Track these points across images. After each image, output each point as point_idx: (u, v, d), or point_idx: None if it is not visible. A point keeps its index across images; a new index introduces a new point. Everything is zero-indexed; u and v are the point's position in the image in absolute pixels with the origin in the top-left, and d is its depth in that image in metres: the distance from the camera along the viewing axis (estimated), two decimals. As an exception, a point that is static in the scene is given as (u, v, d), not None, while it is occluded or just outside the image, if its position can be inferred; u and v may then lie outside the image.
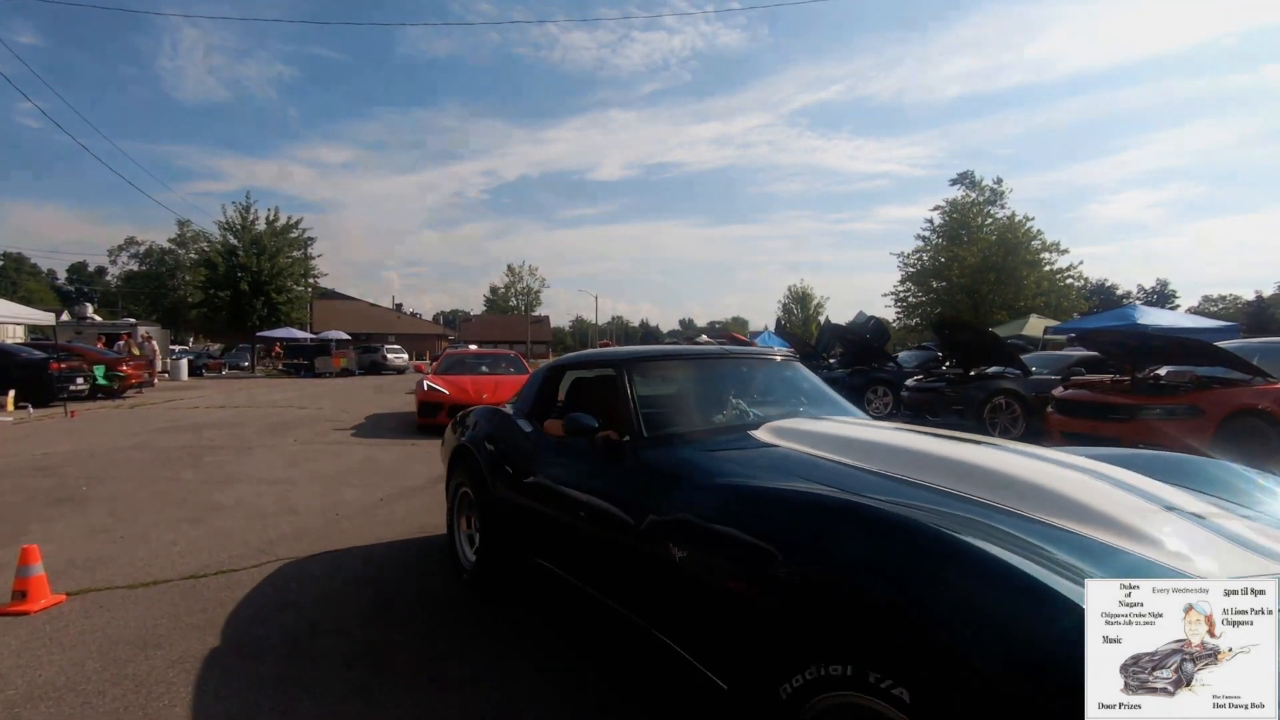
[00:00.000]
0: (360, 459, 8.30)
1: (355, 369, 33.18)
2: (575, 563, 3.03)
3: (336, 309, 55.23)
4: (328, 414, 13.91)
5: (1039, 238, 29.61)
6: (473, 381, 10.91)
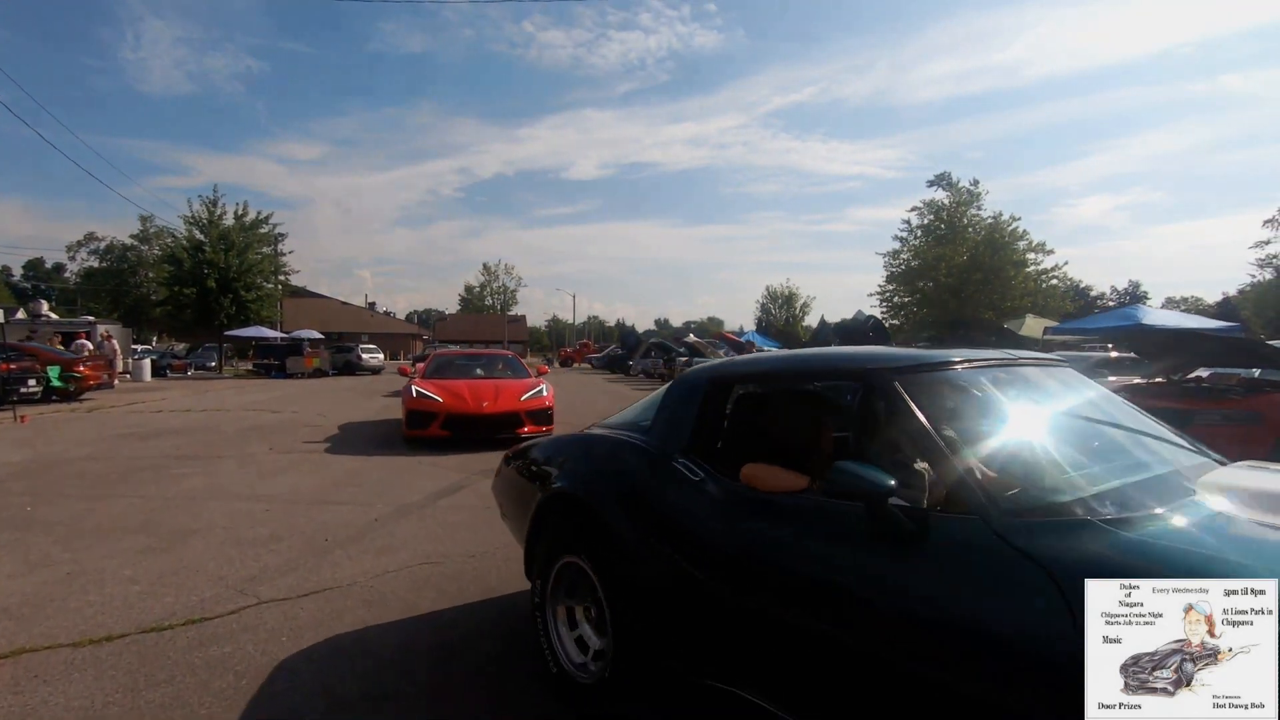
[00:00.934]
0: (346, 471, 7.52)
1: (329, 369, 32.02)
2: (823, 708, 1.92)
3: (308, 307, 53.69)
4: (304, 418, 13.03)
5: (1025, 238, 29.56)
6: (469, 387, 9.53)
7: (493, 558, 4.38)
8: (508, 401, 9.26)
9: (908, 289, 31.86)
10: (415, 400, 9.17)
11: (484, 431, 8.93)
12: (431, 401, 9.06)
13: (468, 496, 6.19)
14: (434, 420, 8.92)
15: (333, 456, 8.46)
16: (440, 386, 9.41)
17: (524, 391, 9.58)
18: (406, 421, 9.15)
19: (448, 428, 8.90)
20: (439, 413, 8.93)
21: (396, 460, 8.25)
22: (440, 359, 11.36)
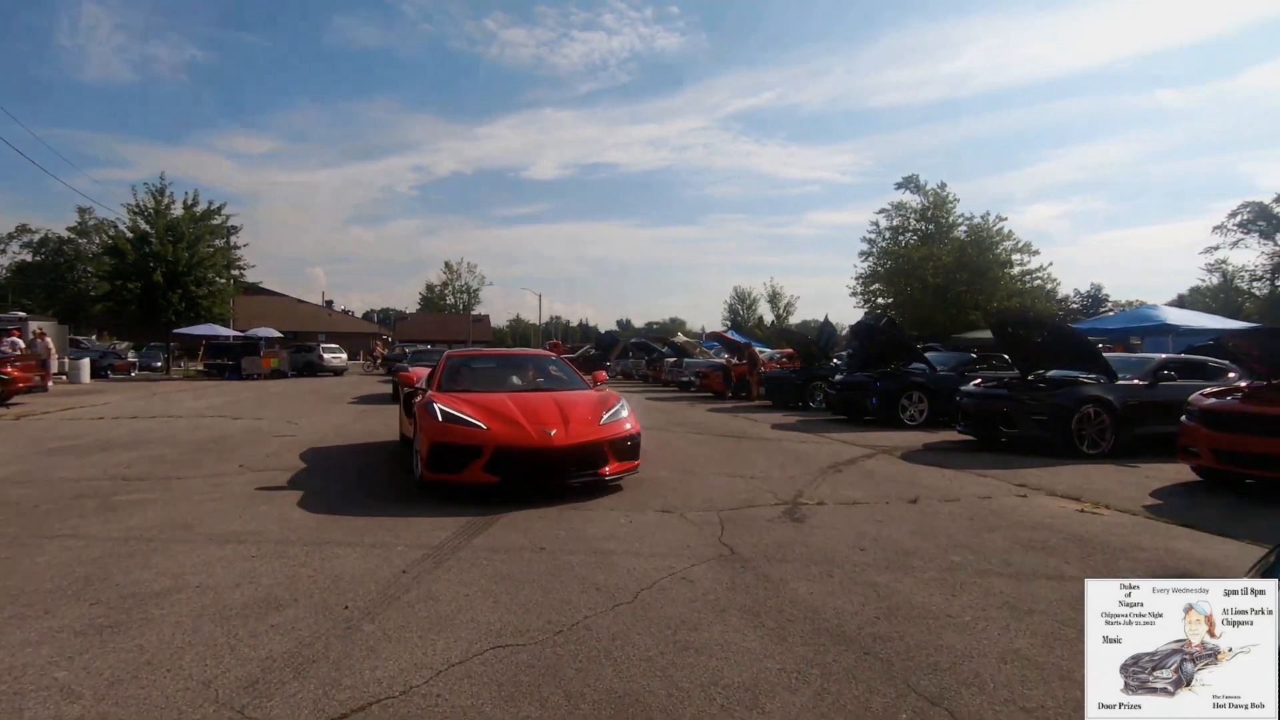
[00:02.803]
0: (343, 495, 6.18)
1: (288, 370, 30.04)
2: None
3: (261, 305, 50.96)
4: (271, 426, 11.50)
5: (1010, 238, 29.31)
6: (520, 405, 6.40)
7: (587, 632, 3.17)
8: (583, 427, 6.18)
9: (892, 289, 31.36)
10: (442, 427, 5.98)
11: (551, 474, 5.96)
12: (469, 430, 5.92)
13: (506, 532, 4.94)
14: (475, 458, 5.83)
15: (320, 476, 7.08)
16: (476, 405, 6.32)
17: (601, 411, 6.51)
18: (428, 459, 6.00)
19: (497, 469, 5.83)
20: (483, 446, 5.83)
21: (394, 480, 6.92)
22: (456, 362, 8.00)
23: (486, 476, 5.84)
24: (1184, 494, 6.58)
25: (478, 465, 5.83)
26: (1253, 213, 59.49)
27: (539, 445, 5.87)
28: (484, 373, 8.04)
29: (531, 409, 6.33)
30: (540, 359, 8.81)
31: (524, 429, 5.98)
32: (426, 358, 17.22)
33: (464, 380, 7.49)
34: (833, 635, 3.17)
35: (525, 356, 9.25)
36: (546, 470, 5.95)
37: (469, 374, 7.79)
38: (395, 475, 7.14)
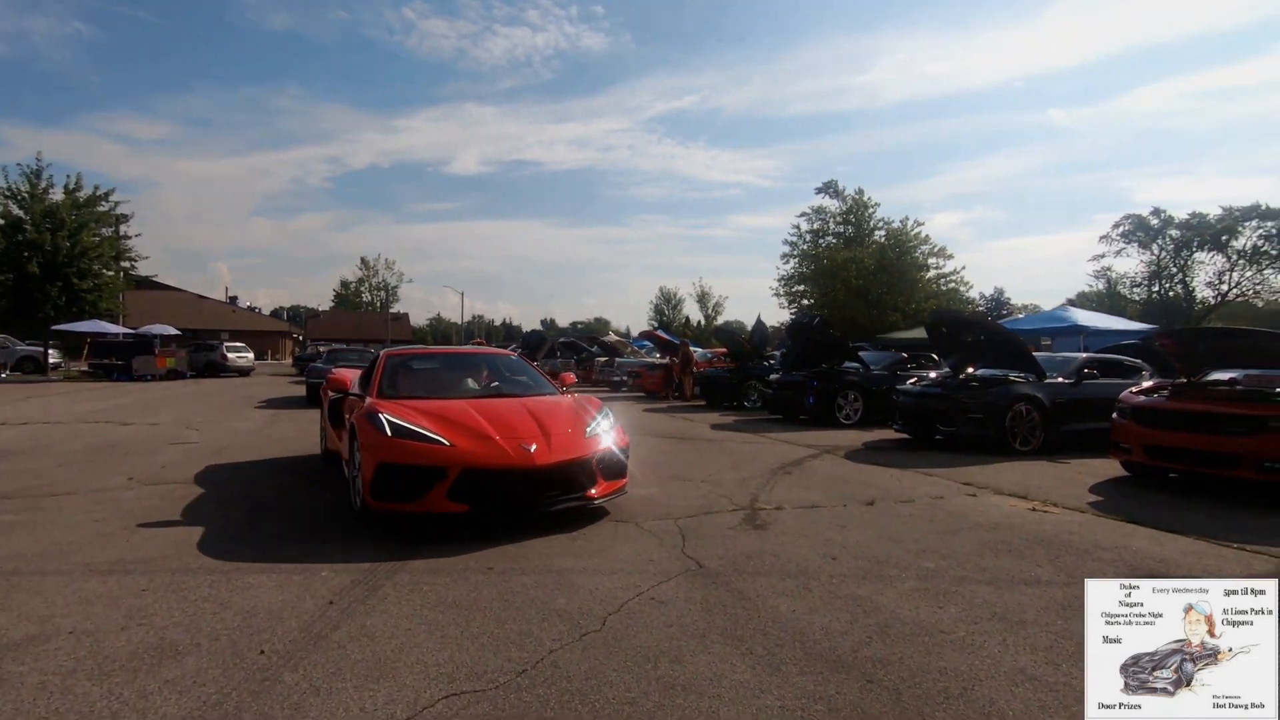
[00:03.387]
0: (253, 511, 5.49)
1: (186, 371, 27.84)
2: None
3: (157, 301, 47.24)
4: (167, 432, 10.40)
5: (927, 242, 30.48)
6: (487, 413, 5.30)
7: (555, 670, 2.76)
8: (567, 441, 5.14)
9: (816, 289, 32.05)
10: (392, 444, 4.82)
11: (531, 499, 4.90)
12: (429, 447, 4.78)
13: (446, 550, 4.44)
14: (436, 482, 4.68)
15: (228, 492, 6.31)
16: (433, 415, 5.16)
17: (583, 421, 5.49)
18: (374, 484, 4.79)
19: (465, 495, 4.72)
20: (447, 467, 4.69)
21: (321, 491, 6.25)
22: (397, 362, 6.55)
23: (451, 505, 4.69)
24: (1119, 490, 6.72)
25: (439, 491, 4.66)
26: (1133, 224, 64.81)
27: (517, 464, 4.78)
28: (432, 375, 6.71)
29: (501, 420, 5.21)
30: (498, 358, 7.47)
31: (496, 445, 4.86)
32: (345, 357, 16.16)
33: (409, 384, 6.21)
34: (828, 661, 2.87)
35: (480, 355, 7.93)
36: (525, 495, 4.86)
37: (414, 377, 6.48)
38: (318, 494, 6.40)
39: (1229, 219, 60.60)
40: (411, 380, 6.37)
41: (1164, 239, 64.27)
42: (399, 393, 5.91)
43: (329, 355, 17.62)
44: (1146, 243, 64.91)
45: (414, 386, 6.22)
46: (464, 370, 6.97)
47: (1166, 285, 64.36)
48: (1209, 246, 62.19)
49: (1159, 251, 64.88)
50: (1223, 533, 5.00)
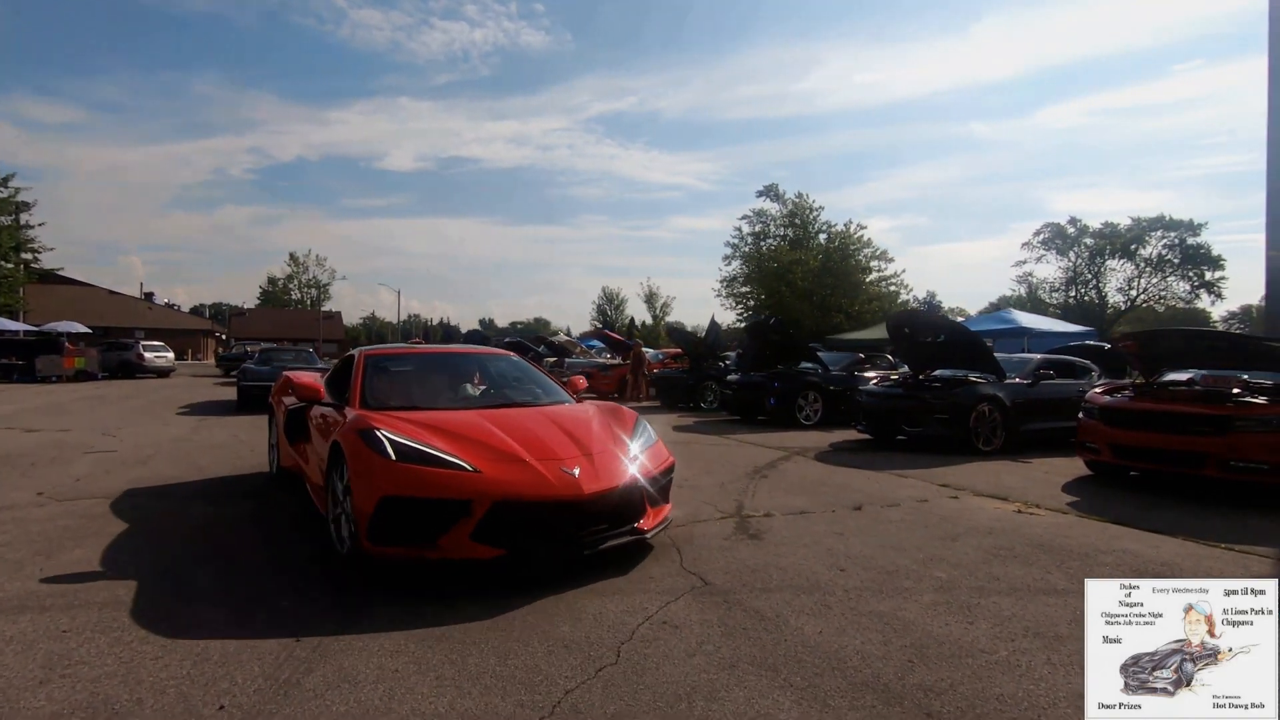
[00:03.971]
0: (194, 532, 4.88)
1: (97, 372, 25.83)
2: None
3: (64, 296, 43.95)
4: (80, 439, 9.43)
5: (870, 245, 31.17)
6: (508, 429, 4.28)
7: (577, 717, 2.40)
8: (612, 461, 4.19)
9: (763, 290, 32.33)
10: (399, 471, 3.74)
11: (578, 538, 3.87)
12: (450, 474, 3.74)
13: (428, 570, 3.99)
14: (459, 517, 3.65)
15: (156, 504, 5.64)
16: (443, 432, 4.14)
17: (622, 434, 4.60)
18: (375, 523, 3.70)
19: (495, 534, 3.70)
20: (472, 500, 3.66)
21: (275, 513, 5.65)
22: (378, 363, 5.40)
23: (478, 549, 3.63)
24: (1089, 490, 6.77)
25: (462, 531, 3.62)
26: (1052, 232, 68.48)
27: (562, 495, 3.75)
28: (422, 380, 5.52)
29: (528, 436, 4.19)
30: (498, 359, 6.19)
31: (533, 469, 3.84)
32: (280, 357, 15.13)
33: (397, 391, 5.10)
34: (877, 692, 2.61)
35: (476, 356, 6.42)
36: (570, 532, 3.82)
37: (402, 381, 5.33)
38: (271, 514, 5.74)
39: (1137, 229, 64.81)
40: (399, 386, 5.25)
41: (1080, 247, 68.28)
42: (387, 402, 4.84)
43: (262, 355, 16.39)
44: (1064, 250, 68.81)
45: (403, 394, 5.12)
46: (459, 373, 5.79)
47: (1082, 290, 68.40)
48: (1119, 255, 66.41)
49: (1075, 259, 68.90)
50: (1209, 533, 5.03)
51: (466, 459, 3.84)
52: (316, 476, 4.85)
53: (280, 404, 6.34)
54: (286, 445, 5.99)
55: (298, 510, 5.45)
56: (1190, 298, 63.28)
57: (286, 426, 5.91)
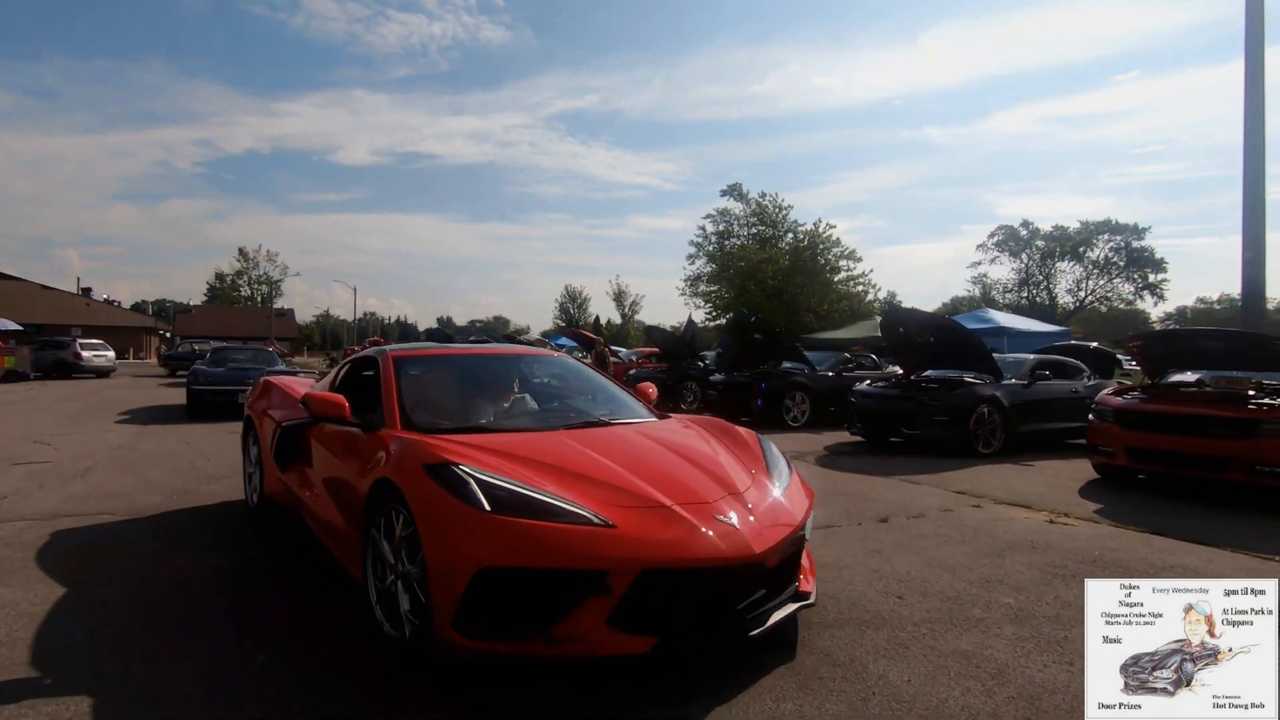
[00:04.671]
0: (152, 590, 4.20)
1: (29, 372, 24.19)
2: None
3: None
4: (10, 448, 8.49)
5: (839, 244, 31.21)
6: (622, 458, 3.18)
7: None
8: (772, 507, 3.07)
9: (733, 289, 32.14)
10: (503, 528, 2.57)
11: (741, 614, 2.72)
12: (574, 532, 2.57)
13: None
14: (592, 593, 2.51)
15: (102, 535, 4.91)
16: (540, 465, 3.00)
17: (756, 463, 3.46)
18: (470, 608, 2.55)
19: (642, 616, 2.56)
20: (610, 569, 2.51)
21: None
22: (412, 369, 4.06)
23: (621, 639, 2.53)
24: (1107, 495, 6.52)
25: (596, 614, 2.51)
26: (1005, 235, 70.35)
27: (729, 555, 2.65)
28: (472, 390, 4.20)
29: (653, 469, 3.09)
30: (550, 361, 4.98)
31: (681, 519, 2.73)
32: (234, 357, 14.02)
33: (449, 406, 3.91)
34: (1010, 765, 2.16)
35: (524, 357, 5.01)
36: (734, 607, 2.72)
37: (452, 393, 4.08)
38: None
39: (1085, 232, 67.04)
40: (448, 399, 3.98)
41: (1031, 249, 70.32)
42: (439, 422, 3.58)
43: (214, 354, 14.69)
44: (1016, 252, 70.80)
45: (457, 409, 3.88)
46: (511, 381, 4.43)
47: (1034, 291, 70.45)
48: (1069, 257, 68.61)
49: (1027, 260, 70.93)
50: (1256, 544, 4.78)
51: (591, 507, 2.67)
52: (338, 521, 3.59)
53: (263, 417, 5.08)
54: (275, 471, 4.61)
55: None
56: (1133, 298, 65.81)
57: (278, 448, 4.52)
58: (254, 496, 5.20)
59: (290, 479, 4.45)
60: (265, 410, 5.10)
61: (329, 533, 3.78)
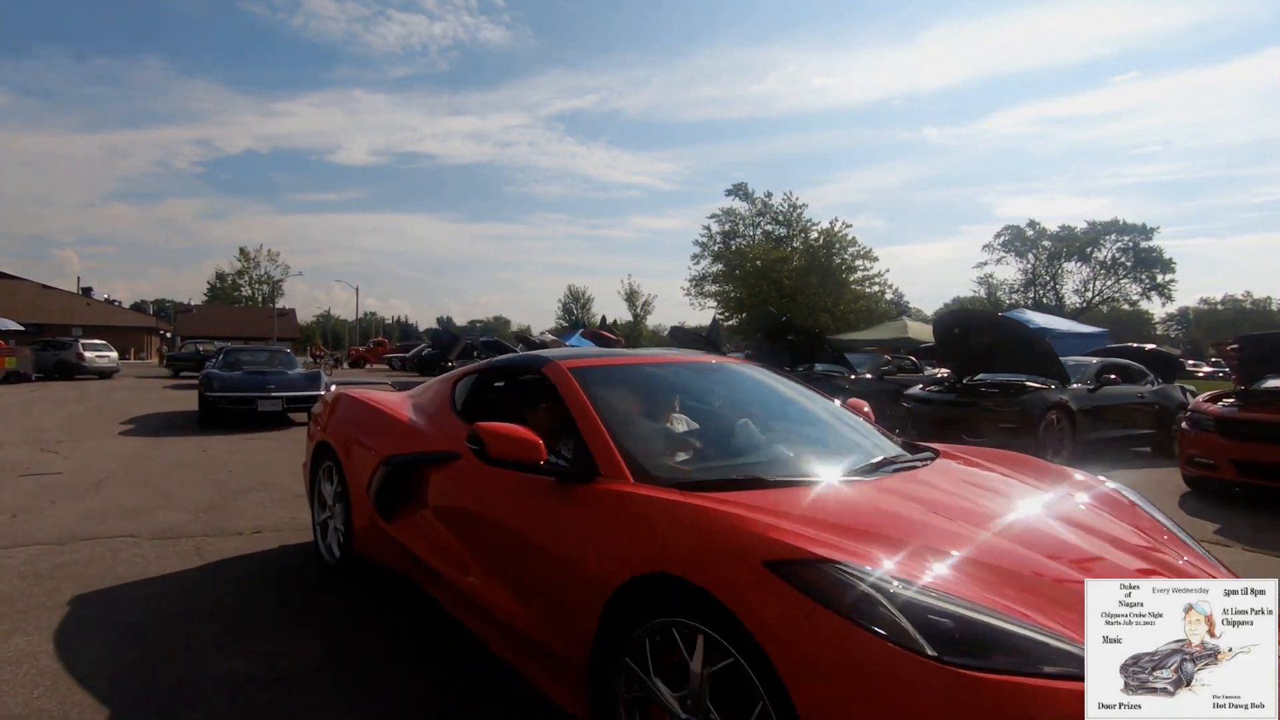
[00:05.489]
0: (154, 616, 3.65)
1: (31, 373, 23.57)
2: None
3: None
4: (17, 456, 7.93)
5: (855, 244, 30.68)
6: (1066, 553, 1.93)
7: None
8: None
9: (745, 289, 31.58)
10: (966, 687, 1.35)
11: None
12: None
13: None
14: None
15: (123, 557, 4.36)
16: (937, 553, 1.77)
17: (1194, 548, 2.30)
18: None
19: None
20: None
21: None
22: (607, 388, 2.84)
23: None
24: (1211, 510, 6.01)
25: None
26: (1012, 235, 69.79)
27: None
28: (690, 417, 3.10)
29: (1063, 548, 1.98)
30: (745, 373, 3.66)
31: None
32: (252, 360, 13.07)
33: (666, 440, 2.81)
34: None
35: (719, 369, 3.71)
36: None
37: (657, 420, 2.96)
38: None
39: (1093, 232, 66.54)
40: (662, 432, 2.89)
41: (1038, 249, 69.78)
42: (678, 467, 2.55)
43: (227, 357, 13.26)
44: (1023, 252, 70.22)
45: (683, 448, 2.75)
46: (727, 401, 3.33)
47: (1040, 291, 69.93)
48: (1076, 257, 68.08)
49: (1034, 261, 70.37)
50: None
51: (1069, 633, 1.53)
52: (528, 624, 2.38)
53: (352, 447, 3.79)
54: (376, 521, 3.40)
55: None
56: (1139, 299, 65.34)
57: (382, 492, 3.36)
58: (334, 548, 3.96)
59: (401, 533, 3.22)
60: (353, 437, 3.79)
61: (501, 632, 2.55)
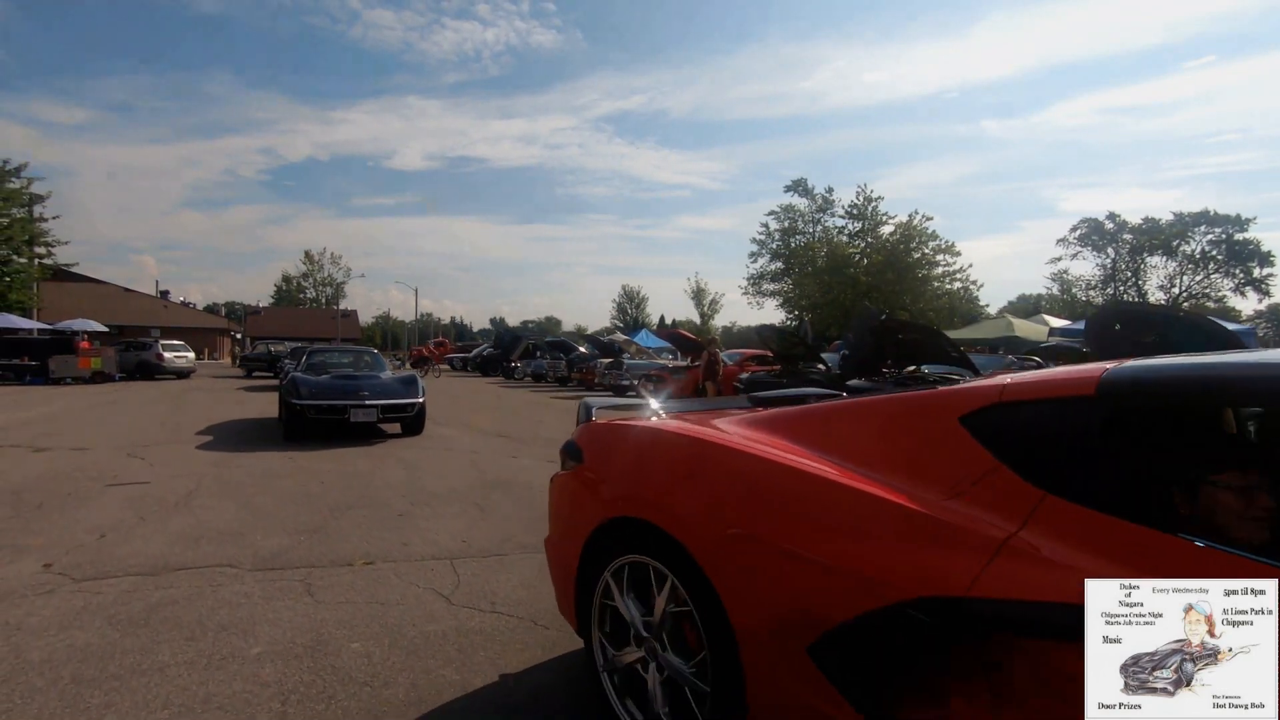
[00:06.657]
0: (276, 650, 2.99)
1: (115, 373, 24.15)
2: None
3: (77, 294, 42.60)
4: (102, 463, 7.58)
5: (936, 238, 29.04)
6: None
7: None
8: None
9: (818, 286, 30.26)
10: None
11: None
12: None
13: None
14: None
15: (224, 595, 3.74)
16: None
17: None
18: None
19: None
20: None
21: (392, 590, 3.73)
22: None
23: None
24: None
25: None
26: (1089, 228, 66.00)
27: None
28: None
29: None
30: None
31: None
32: (336, 363, 12.55)
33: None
34: None
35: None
36: None
37: None
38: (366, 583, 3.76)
39: (1180, 224, 62.28)
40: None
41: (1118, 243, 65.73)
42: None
43: (310, 358, 12.09)
44: (1101, 246, 66.28)
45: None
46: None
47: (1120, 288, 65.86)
48: (1160, 251, 63.84)
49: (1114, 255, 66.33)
50: None
51: None
52: None
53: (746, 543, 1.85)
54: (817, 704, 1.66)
55: None
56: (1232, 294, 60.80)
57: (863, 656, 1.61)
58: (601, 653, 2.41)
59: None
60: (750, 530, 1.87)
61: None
